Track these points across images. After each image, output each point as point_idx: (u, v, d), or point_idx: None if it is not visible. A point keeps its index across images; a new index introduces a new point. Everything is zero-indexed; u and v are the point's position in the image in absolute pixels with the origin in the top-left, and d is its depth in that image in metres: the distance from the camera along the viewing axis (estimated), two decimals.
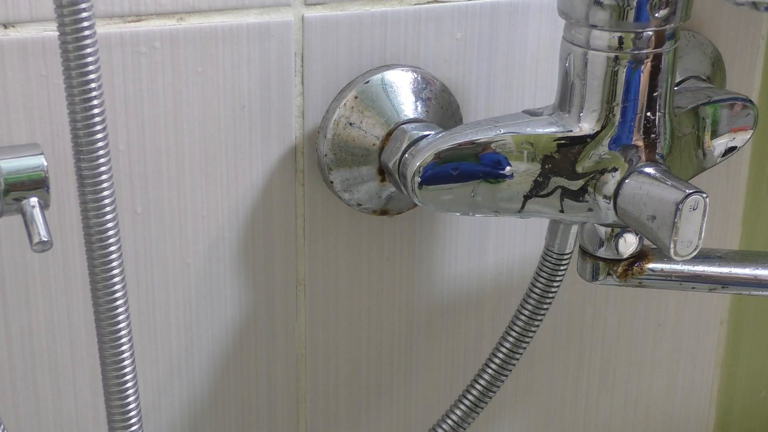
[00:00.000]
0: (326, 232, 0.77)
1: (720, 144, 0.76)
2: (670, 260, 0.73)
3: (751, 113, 0.77)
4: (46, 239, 0.59)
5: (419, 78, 0.73)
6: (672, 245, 0.65)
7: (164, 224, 0.73)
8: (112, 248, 0.61)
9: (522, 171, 0.68)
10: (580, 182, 0.69)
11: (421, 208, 0.77)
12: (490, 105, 0.78)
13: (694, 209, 0.65)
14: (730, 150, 0.77)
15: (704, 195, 0.65)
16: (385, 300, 0.81)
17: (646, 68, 0.67)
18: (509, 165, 0.68)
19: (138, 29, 0.68)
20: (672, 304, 0.91)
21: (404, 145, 0.71)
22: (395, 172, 0.71)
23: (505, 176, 0.68)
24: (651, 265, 0.74)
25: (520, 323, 0.78)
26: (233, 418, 0.79)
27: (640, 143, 0.68)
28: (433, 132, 0.71)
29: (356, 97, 0.72)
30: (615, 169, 0.68)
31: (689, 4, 0.67)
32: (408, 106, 0.73)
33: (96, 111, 0.58)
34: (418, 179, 0.67)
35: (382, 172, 0.74)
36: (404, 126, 0.72)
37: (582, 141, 0.68)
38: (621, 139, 0.68)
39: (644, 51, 0.66)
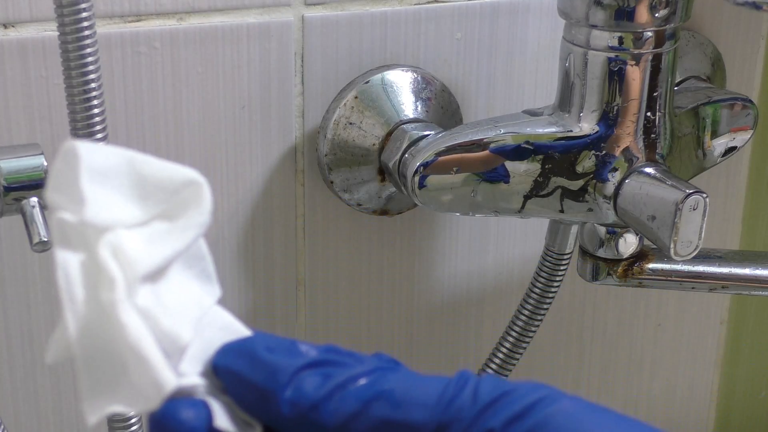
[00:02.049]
0: (326, 232, 0.77)
1: (720, 144, 0.76)
2: (670, 260, 0.73)
3: (751, 113, 0.77)
4: (46, 239, 0.59)
5: (419, 78, 0.73)
6: (672, 245, 0.65)
7: None
8: None
9: (522, 171, 0.68)
10: (580, 182, 0.69)
11: (421, 208, 0.77)
12: (490, 105, 0.78)
13: (694, 209, 0.65)
14: (730, 150, 0.77)
15: (704, 195, 0.65)
16: (385, 300, 0.80)
17: (646, 68, 0.67)
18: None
19: (138, 29, 0.68)
20: (672, 304, 0.91)
21: (404, 145, 0.71)
22: (395, 172, 0.71)
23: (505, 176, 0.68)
24: (651, 265, 0.74)
25: (520, 323, 0.78)
26: None
27: (640, 143, 0.68)
28: (433, 132, 0.71)
29: (356, 97, 0.72)
30: (615, 169, 0.68)
31: (689, 4, 0.67)
32: (408, 106, 0.73)
33: (96, 111, 0.58)
34: (418, 179, 0.67)
35: (382, 172, 0.74)
36: (404, 126, 0.72)
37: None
38: (621, 139, 0.68)
39: (644, 51, 0.66)
